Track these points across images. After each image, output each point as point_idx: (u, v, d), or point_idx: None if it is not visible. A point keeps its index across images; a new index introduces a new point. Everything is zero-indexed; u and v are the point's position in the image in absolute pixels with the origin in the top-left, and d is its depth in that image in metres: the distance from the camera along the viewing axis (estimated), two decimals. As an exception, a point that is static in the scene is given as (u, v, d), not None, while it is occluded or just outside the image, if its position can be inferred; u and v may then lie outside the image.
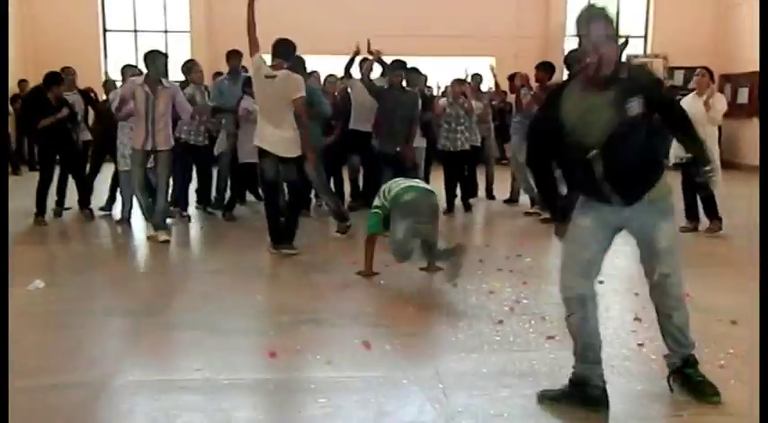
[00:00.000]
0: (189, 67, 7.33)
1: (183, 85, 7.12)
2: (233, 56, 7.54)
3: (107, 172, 7.60)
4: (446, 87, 8.91)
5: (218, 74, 8.54)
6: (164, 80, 6.00)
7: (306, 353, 3.49)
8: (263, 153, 5.46)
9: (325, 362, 3.34)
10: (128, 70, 7.15)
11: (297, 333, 3.78)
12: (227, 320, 3.98)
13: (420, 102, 7.36)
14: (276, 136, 5.38)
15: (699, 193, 6.71)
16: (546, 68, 7.28)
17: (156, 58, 5.98)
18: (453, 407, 2.87)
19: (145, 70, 6.04)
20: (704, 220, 6.97)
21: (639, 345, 3.62)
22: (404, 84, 7.12)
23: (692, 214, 6.90)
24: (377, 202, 4.80)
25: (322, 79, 7.91)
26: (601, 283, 4.82)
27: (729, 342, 3.64)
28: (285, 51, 5.51)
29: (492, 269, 5.19)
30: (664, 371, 3.26)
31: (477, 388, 3.07)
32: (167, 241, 6.00)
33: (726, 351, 3.51)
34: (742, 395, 3.01)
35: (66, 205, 7.44)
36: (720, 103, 6.62)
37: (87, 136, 7.61)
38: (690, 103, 6.62)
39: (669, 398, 2.97)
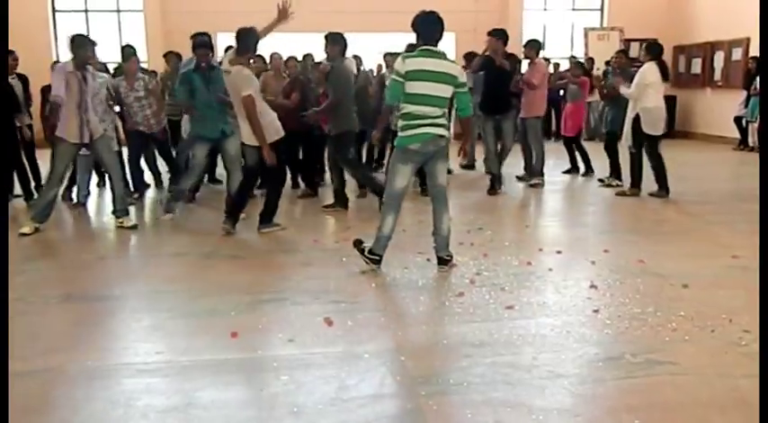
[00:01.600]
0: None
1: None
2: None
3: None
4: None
5: (172, 54, 8.28)
6: (89, 66, 5.63)
7: (268, 332, 3.50)
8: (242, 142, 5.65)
9: (287, 340, 3.36)
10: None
11: (259, 312, 3.78)
12: (189, 303, 3.96)
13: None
14: (243, 127, 5.47)
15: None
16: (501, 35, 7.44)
17: (84, 45, 5.53)
18: (414, 378, 2.91)
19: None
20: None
21: (595, 311, 3.71)
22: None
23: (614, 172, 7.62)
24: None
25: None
26: (558, 252, 4.96)
27: (681, 305, 3.75)
28: (242, 44, 5.41)
29: (453, 243, 5.23)
30: (618, 335, 3.37)
31: (438, 358, 3.12)
32: (135, 227, 5.90)
33: (677, 314, 3.62)
34: (692, 354, 3.12)
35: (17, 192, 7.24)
36: (639, 75, 6.85)
37: (28, 120, 7.36)
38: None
39: (624, 361, 3.06)
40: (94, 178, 7.49)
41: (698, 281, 4.17)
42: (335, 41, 6.09)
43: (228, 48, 6.66)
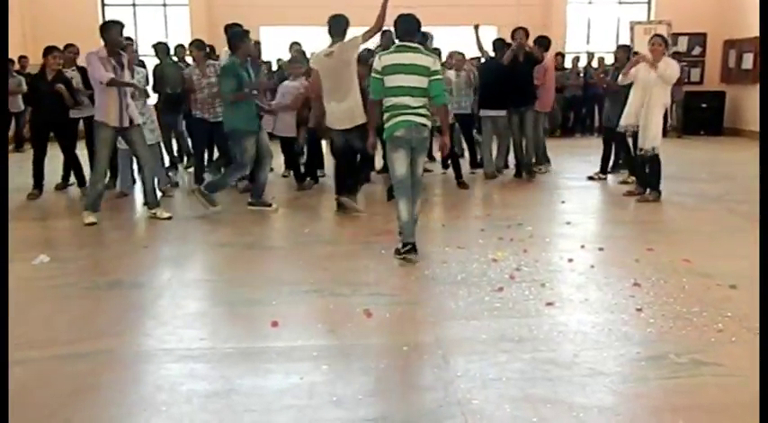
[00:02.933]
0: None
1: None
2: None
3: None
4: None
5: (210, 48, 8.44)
6: (121, 51, 5.77)
7: (308, 322, 3.55)
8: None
9: (327, 330, 3.40)
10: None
11: (299, 303, 3.83)
12: (231, 292, 4.03)
13: None
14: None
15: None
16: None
17: (111, 28, 5.65)
18: (452, 372, 2.92)
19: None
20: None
21: (638, 309, 3.65)
22: None
23: (640, 181, 7.08)
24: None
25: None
26: (600, 249, 4.89)
27: (728, 305, 3.67)
28: (334, 28, 5.76)
29: (493, 238, 5.22)
30: (661, 335, 3.31)
31: (476, 353, 3.11)
32: (170, 218, 6.03)
33: (724, 314, 3.54)
34: (738, 356, 3.05)
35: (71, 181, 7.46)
36: (672, 67, 6.57)
37: (90, 111, 7.56)
38: (642, 69, 6.68)
39: (667, 361, 3.01)
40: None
41: (746, 282, 4.06)
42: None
43: (294, 43, 6.86)
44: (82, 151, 7.24)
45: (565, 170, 8.68)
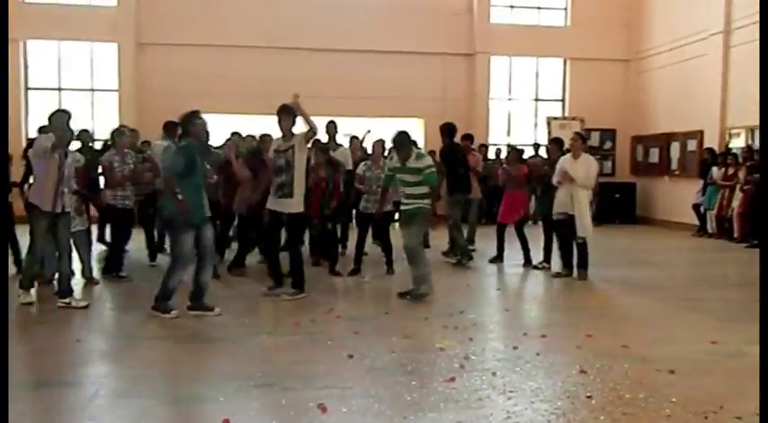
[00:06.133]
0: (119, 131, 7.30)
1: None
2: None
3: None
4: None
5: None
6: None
7: (261, 419, 3.41)
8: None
9: (281, 427, 3.27)
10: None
11: (249, 398, 3.68)
12: (175, 388, 3.84)
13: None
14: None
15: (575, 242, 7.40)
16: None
17: (58, 117, 5.65)
18: (418, 468, 2.86)
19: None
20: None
21: (588, 396, 3.72)
22: None
23: (566, 263, 7.56)
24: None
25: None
26: (543, 337, 5.01)
27: (671, 391, 3.80)
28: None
29: (438, 326, 5.26)
30: (615, 421, 3.37)
31: (439, 447, 3.07)
32: (86, 307, 5.80)
33: (668, 400, 3.66)
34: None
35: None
36: (593, 167, 7.35)
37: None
38: (568, 163, 7.34)
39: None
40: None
41: (683, 366, 4.23)
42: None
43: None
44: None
45: (490, 255, 8.75)
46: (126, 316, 5.69)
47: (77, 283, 6.70)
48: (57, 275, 6.09)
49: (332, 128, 8.50)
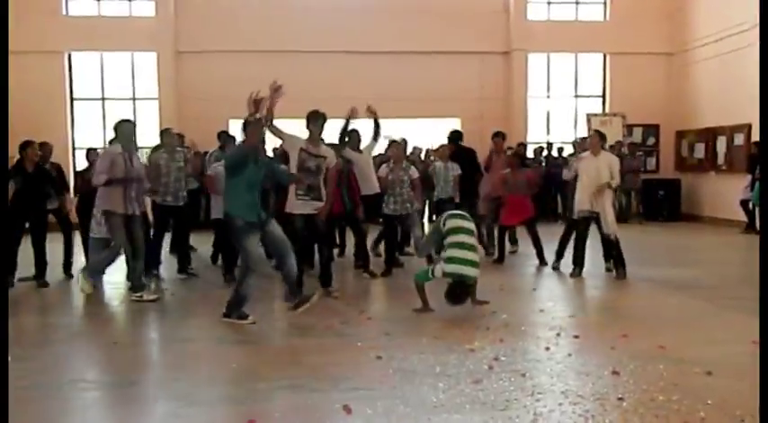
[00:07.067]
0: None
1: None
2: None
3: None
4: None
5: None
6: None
7: (286, 420, 3.42)
8: None
9: (306, 429, 3.28)
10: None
11: (275, 400, 3.70)
12: (203, 390, 3.88)
13: None
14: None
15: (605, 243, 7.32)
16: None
17: (125, 127, 6.32)
18: (439, 470, 2.82)
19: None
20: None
21: (619, 399, 3.62)
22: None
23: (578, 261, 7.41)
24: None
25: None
26: (576, 337, 4.90)
27: (707, 393, 3.67)
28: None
29: (469, 326, 5.20)
30: (645, 425, 3.27)
31: (462, 449, 3.03)
32: (157, 299, 6.27)
33: (704, 402, 3.53)
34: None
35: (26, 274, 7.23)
36: (616, 165, 7.19)
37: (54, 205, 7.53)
38: (587, 162, 7.24)
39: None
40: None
41: (721, 368, 4.08)
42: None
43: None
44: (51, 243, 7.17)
45: (530, 256, 8.66)
46: (162, 318, 5.79)
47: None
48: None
49: (356, 136, 8.08)
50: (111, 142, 7.34)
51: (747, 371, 4.09)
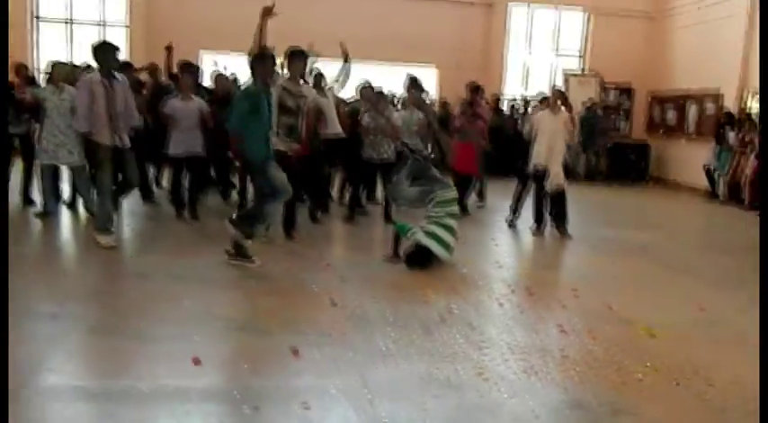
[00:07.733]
0: None
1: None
2: None
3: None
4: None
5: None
6: (116, 74, 5.75)
7: (232, 360, 3.43)
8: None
9: (251, 370, 3.29)
10: (58, 68, 6.83)
11: (224, 340, 3.70)
12: (152, 327, 3.85)
13: None
14: None
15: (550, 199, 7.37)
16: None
17: (108, 51, 5.70)
18: (378, 415, 2.87)
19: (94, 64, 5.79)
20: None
21: (563, 355, 3.70)
22: None
23: (538, 218, 7.47)
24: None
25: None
26: (531, 294, 4.97)
27: (647, 355, 3.76)
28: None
29: (428, 278, 5.23)
30: (585, 382, 3.36)
31: (403, 397, 3.07)
32: (113, 247, 5.73)
33: (643, 363, 3.62)
34: (656, 406, 3.12)
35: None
36: (572, 124, 7.47)
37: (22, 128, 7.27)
38: (545, 118, 7.32)
39: (587, 409, 3.05)
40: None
41: (665, 331, 4.19)
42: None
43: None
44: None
45: (499, 210, 8.68)
46: (119, 254, 5.72)
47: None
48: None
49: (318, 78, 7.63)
50: (85, 70, 6.93)
51: (690, 336, 4.22)
